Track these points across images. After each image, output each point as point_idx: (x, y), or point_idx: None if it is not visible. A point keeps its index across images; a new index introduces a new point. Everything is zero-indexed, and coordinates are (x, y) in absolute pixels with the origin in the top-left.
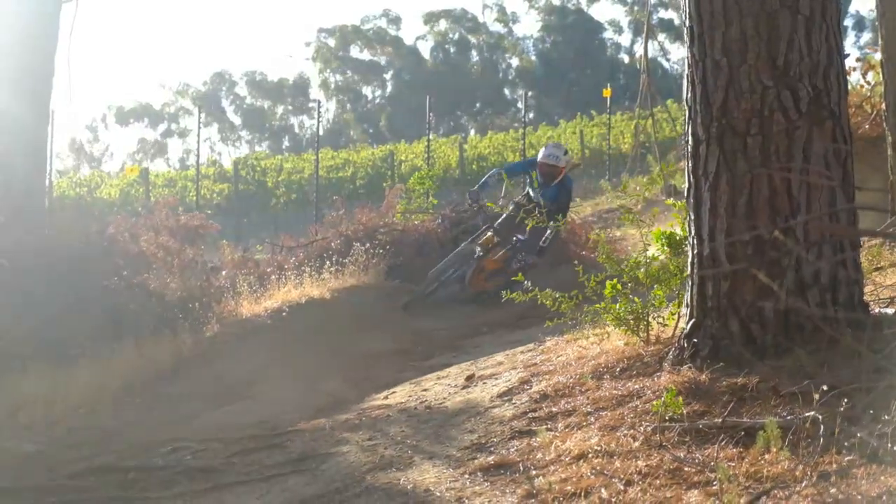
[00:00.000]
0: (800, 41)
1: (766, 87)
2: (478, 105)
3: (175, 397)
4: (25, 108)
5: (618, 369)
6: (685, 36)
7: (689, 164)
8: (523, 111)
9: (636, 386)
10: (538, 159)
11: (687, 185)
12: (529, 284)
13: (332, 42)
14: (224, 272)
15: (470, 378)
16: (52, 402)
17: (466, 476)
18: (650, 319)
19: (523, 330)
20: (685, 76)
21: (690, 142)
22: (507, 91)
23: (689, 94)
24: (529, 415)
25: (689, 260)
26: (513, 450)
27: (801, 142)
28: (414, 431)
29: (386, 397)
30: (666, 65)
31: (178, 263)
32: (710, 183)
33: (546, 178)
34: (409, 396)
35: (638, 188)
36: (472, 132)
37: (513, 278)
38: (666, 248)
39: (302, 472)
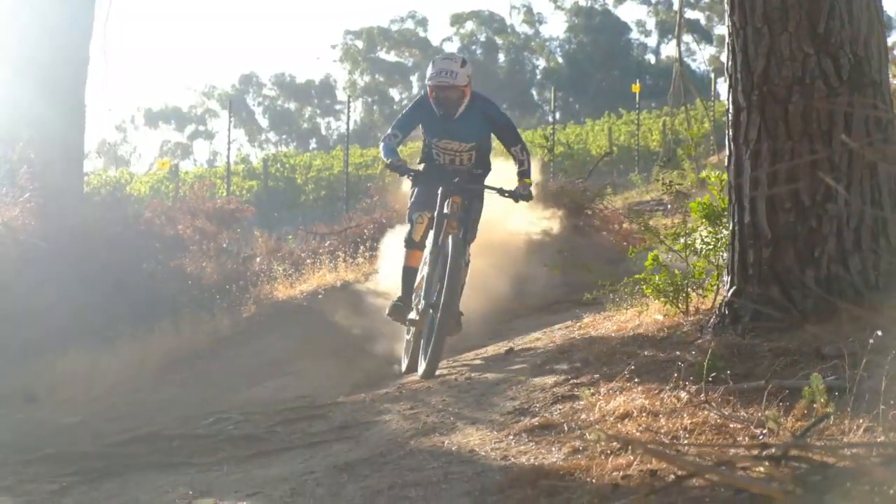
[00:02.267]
0: (840, 9)
1: (807, 54)
2: (504, 106)
3: (214, 374)
4: (60, 90)
5: (658, 337)
6: (725, 4)
7: (730, 133)
8: (552, 106)
9: (677, 352)
10: (428, 84)
11: (727, 153)
12: (568, 254)
13: (359, 44)
14: (258, 259)
15: (509, 352)
16: (93, 379)
17: (511, 437)
18: (689, 291)
19: (557, 314)
20: (726, 45)
21: (731, 110)
22: (533, 92)
23: (730, 63)
24: (571, 381)
25: (730, 228)
26: (556, 413)
27: (843, 108)
28: (455, 400)
29: None
30: (693, 65)
31: (215, 247)
32: (750, 151)
33: (447, 106)
34: (449, 370)
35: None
36: None
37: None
38: (705, 219)
39: (345, 439)
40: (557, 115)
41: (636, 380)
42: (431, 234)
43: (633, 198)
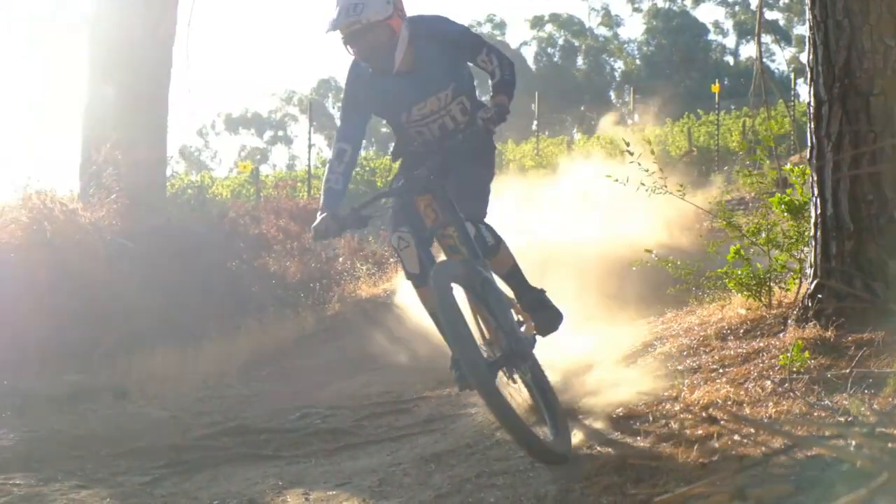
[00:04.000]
0: None
1: (889, 46)
2: (582, 108)
3: (299, 370)
4: (145, 93)
5: (741, 330)
6: None
7: (812, 126)
8: (631, 108)
9: (761, 344)
10: (340, 35)
11: (809, 146)
12: (655, 255)
13: None
14: (341, 258)
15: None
16: (180, 375)
17: (596, 427)
18: (771, 284)
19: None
20: (806, 38)
21: (812, 103)
22: (612, 94)
23: (811, 56)
24: (655, 373)
25: (812, 221)
26: (641, 403)
27: None
28: None
29: None
30: (772, 66)
31: (298, 246)
32: (832, 144)
33: (377, 56)
34: None
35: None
36: (577, 135)
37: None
38: (786, 213)
39: (431, 431)
40: (636, 118)
41: (720, 371)
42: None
43: (714, 198)
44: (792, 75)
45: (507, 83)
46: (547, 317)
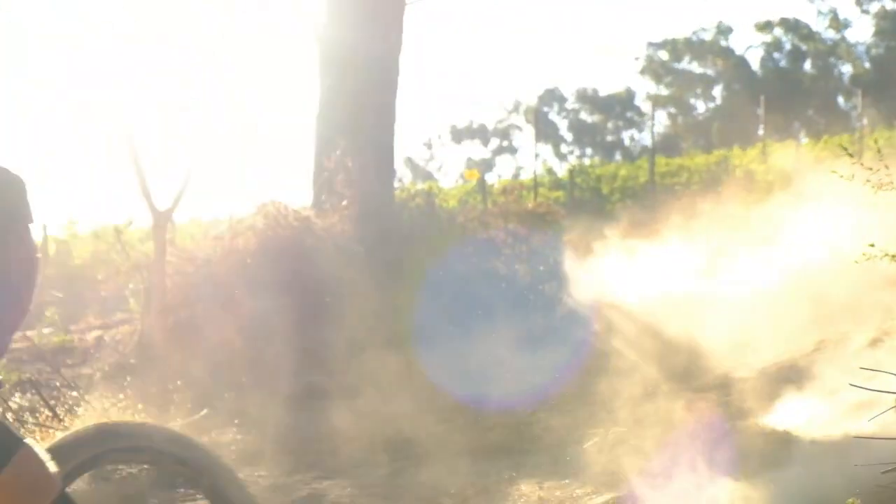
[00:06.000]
0: None
1: None
2: (810, 112)
3: (524, 371)
4: (373, 100)
5: None
6: None
7: None
8: (860, 111)
9: None
10: None
11: None
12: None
13: (662, 55)
14: (567, 262)
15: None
16: (411, 375)
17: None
18: None
19: None
20: None
21: None
22: (840, 99)
23: None
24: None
25: None
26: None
27: None
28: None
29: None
30: None
31: (527, 249)
32: None
33: None
34: (758, 366)
35: None
36: (804, 140)
37: None
38: None
39: None
40: (865, 121)
41: None
42: None
43: None
44: None
45: None
46: None
